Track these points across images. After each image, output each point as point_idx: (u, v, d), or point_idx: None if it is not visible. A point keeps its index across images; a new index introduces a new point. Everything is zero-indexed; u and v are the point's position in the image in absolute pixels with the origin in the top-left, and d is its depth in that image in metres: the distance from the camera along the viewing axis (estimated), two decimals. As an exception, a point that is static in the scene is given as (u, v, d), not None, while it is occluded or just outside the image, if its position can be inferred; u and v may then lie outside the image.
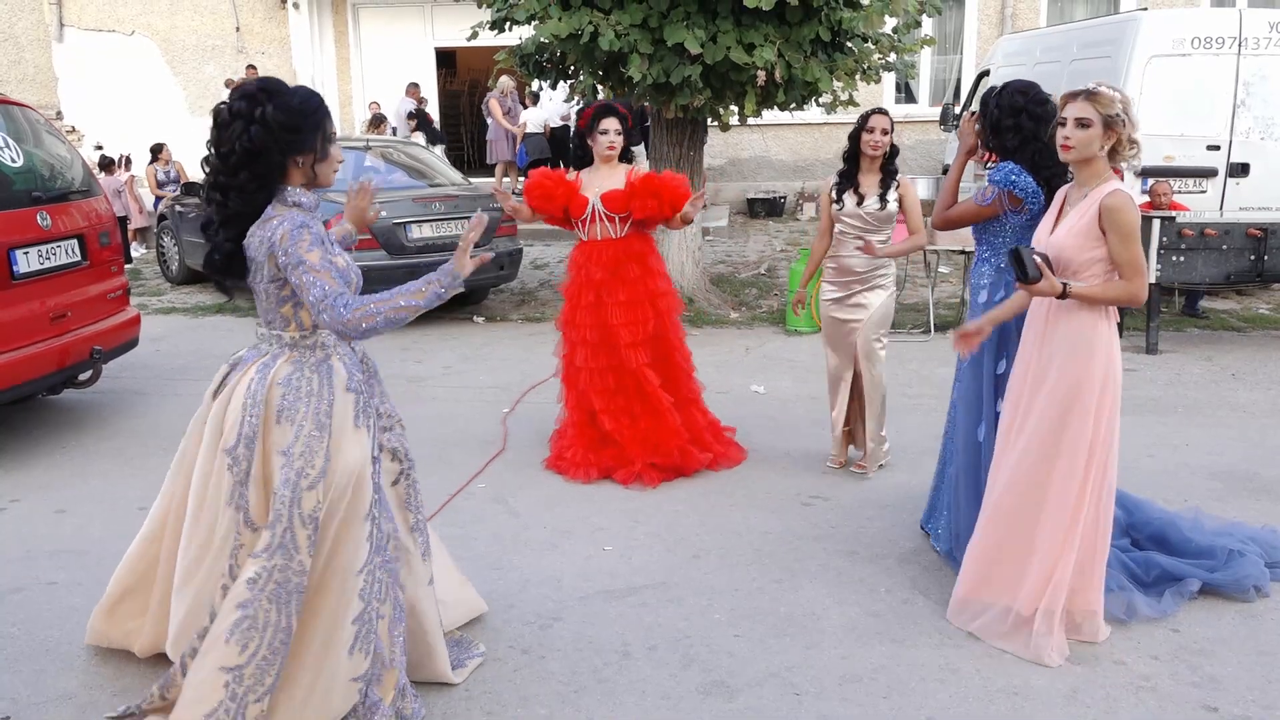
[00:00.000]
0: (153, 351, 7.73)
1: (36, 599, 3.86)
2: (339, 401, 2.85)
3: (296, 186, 2.82)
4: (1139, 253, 3.24)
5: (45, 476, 5.24)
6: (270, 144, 2.71)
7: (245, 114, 2.71)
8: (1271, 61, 8.95)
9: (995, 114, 3.85)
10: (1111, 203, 3.20)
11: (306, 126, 2.76)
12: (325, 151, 2.83)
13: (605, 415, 5.06)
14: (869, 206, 4.85)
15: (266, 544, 2.76)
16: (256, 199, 2.77)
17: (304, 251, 2.69)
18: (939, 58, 15.89)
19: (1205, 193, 9.12)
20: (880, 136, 4.80)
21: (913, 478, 4.99)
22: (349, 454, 2.82)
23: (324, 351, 2.89)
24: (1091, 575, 3.43)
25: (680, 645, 3.50)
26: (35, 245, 5.49)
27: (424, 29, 16.49)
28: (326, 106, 2.86)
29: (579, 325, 5.07)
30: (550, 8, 8.08)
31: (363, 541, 2.86)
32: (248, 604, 2.76)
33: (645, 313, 5.03)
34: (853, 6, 8.47)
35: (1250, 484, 4.95)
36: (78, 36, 16.64)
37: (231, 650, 2.75)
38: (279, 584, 2.76)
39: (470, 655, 3.36)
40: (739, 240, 13.40)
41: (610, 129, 4.95)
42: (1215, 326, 8.49)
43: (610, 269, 5.00)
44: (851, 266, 4.93)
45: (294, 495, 2.75)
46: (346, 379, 2.89)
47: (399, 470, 3.15)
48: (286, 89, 2.79)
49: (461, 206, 8.97)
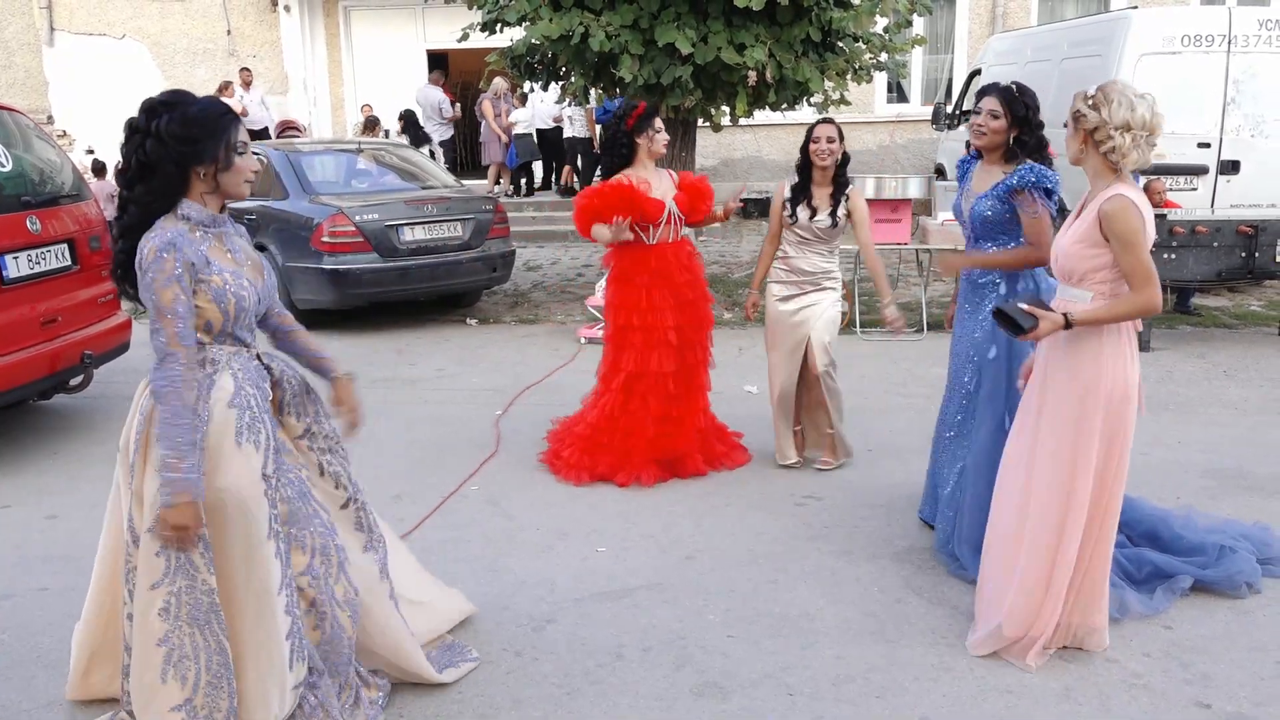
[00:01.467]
0: (144, 356, 7.64)
1: (28, 605, 3.84)
2: (216, 419, 2.72)
3: (197, 199, 2.74)
4: (1144, 259, 3.04)
5: (36, 482, 5.23)
6: (163, 156, 2.65)
7: (142, 128, 2.67)
8: (1261, 59, 8.98)
9: (1027, 113, 3.88)
10: (1108, 208, 3.06)
11: (203, 135, 2.67)
12: (229, 161, 2.73)
13: (654, 416, 4.95)
14: (820, 221, 4.91)
15: (164, 569, 2.68)
16: (152, 211, 2.70)
17: (158, 286, 2.61)
18: (930, 57, 15.91)
19: (1196, 190, 9.15)
20: (826, 145, 4.83)
21: (907, 477, 4.99)
22: (229, 472, 2.71)
23: (212, 367, 2.77)
24: (1093, 594, 3.35)
25: (674, 646, 3.49)
26: (25, 250, 5.47)
27: (415, 31, 16.48)
28: (232, 116, 2.77)
29: (658, 328, 4.89)
30: (541, 9, 8.09)
31: (272, 560, 2.77)
32: (167, 637, 2.69)
33: (706, 309, 5.13)
34: (843, 6, 8.49)
35: (1242, 481, 4.96)
36: (68, 40, 16.60)
37: (172, 689, 2.70)
38: (191, 606, 2.69)
39: (464, 659, 3.35)
40: (732, 240, 13.41)
41: (662, 128, 4.97)
42: (1207, 324, 8.51)
43: (687, 270, 5.02)
44: (801, 268, 5.02)
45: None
46: (231, 395, 2.75)
47: (345, 497, 3.07)
48: (189, 100, 2.72)
49: (454, 209, 8.97)
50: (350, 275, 8.35)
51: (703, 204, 5.02)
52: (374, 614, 3.08)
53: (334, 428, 3.12)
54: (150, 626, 2.70)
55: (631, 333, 4.95)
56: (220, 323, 2.76)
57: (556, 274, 11.33)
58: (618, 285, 5.02)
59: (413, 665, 3.17)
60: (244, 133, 2.80)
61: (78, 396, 6.35)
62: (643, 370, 4.94)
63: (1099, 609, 3.38)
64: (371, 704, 3.06)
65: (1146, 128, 3.06)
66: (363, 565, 3.06)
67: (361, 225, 8.40)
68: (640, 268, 4.95)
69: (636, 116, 4.91)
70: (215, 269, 2.73)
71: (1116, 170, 3.14)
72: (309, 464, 3.02)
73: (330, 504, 3.03)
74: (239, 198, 2.84)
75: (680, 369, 4.99)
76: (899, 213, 8.02)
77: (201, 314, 2.72)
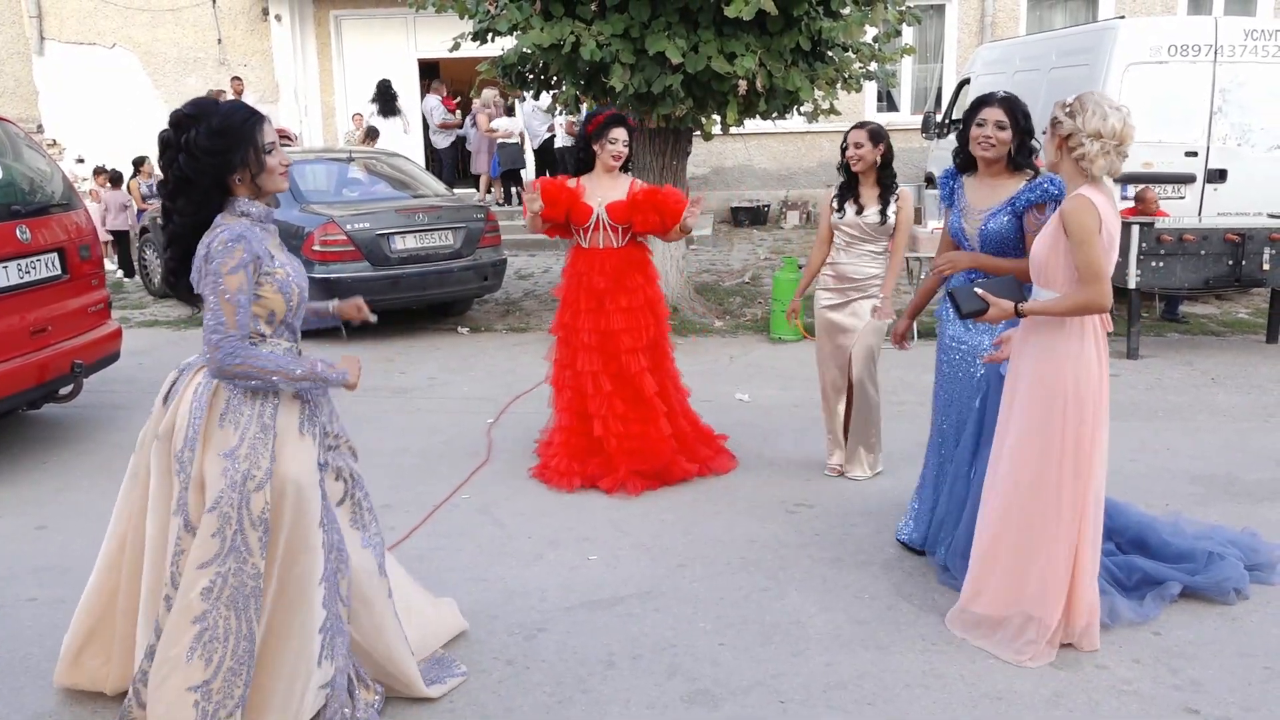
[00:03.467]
0: (134, 365, 7.68)
1: (17, 615, 3.83)
2: (285, 406, 2.86)
3: (243, 197, 2.84)
4: (1095, 257, 3.16)
5: (26, 492, 5.21)
6: (200, 170, 2.75)
7: (174, 142, 2.76)
8: (1247, 69, 9.05)
9: (1028, 122, 3.89)
10: (1066, 207, 3.21)
11: (231, 146, 2.76)
12: (261, 164, 2.82)
13: (598, 420, 5.04)
14: (869, 217, 4.91)
15: (217, 550, 2.74)
16: (196, 220, 2.81)
17: (225, 271, 2.71)
18: (920, 66, 16.00)
19: (1184, 198, 9.21)
20: (855, 150, 4.87)
21: (898, 484, 5.01)
22: (294, 459, 2.83)
23: None
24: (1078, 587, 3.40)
25: (665, 654, 3.49)
26: (15, 259, 5.46)
27: (406, 40, 16.49)
28: (257, 118, 2.83)
29: (579, 330, 5.05)
30: (532, 18, 8.10)
31: (318, 549, 2.86)
32: (204, 616, 2.73)
33: (646, 319, 5.06)
34: (833, 16, 8.53)
35: (1230, 488, 4.99)
36: (58, 50, 16.57)
37: (195, 668, 2.72)
38: (235, 589, 2.75)
39: (451, 674, 3.33)
40: (723, 249, 13.44)
41: (619, 138, 4.98)
42: (1195, 331, 8.55)
43: (613, 277, 5.02)
44: (849, 274, 5.00)
45: (241, 497, 2.74)
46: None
47: (344, 490, 3.10)
48: (212, 111, 2.79)
49: (445, 217, 8.97)
50: (341, 284, 8.34)
51: (651, 217, 4.92)
52: (372, 611, 3.09)
53: (343, 429, 3.17)
54: (189, 604, 2.74)
55: (558, 329, 5.19)
56: (283, 313, 2.88)
57: (548, 282, 11.34)
58: (563, 286, 5.22)
59: (404, 672, 3.16)
60: (272, 131, 2.87)
61: (67, 406, 6.33)
62: (567, 365, 5.10)
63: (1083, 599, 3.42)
64: (368, 706, 3.05)
65: (1117, 137, 3.17)
66: (359, 563, 3.08)
67: (353, 234, 8.40)
68: (571, 269, 5.16)
69: (596, 125, 5.02)
70: (278, 262, 2.86)
71: (1088, 176, 3.22)
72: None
73: (330, 499, 3.06)
74: (277, 191, 2.92)
75: (620, 375, 5.00)
76: (889, 221, 8.03)
77: (266, 305, 2.83)
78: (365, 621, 3.08)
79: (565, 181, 5.13)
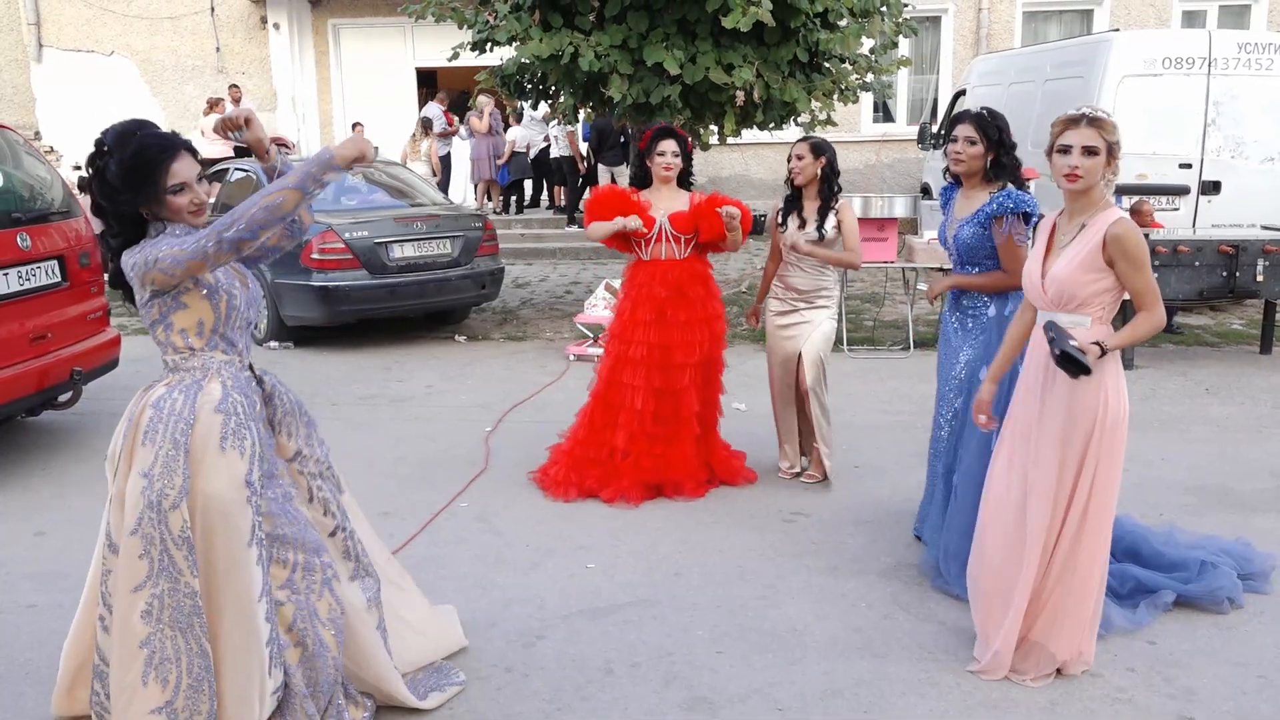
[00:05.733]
0: (133, 373, 7.67)
1: (16, 622, 3.84)
2: (202, 422, 2.76)
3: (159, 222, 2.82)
4: (1152, 279, 3.13)
5: (24, 498, 5.21)
6: (116, 197, 2.74)
7: (97, 167, 2.76)
8: (1240, 81, 9.13)
9: (1001, 136, 3.95)
10: (1118, 231, 3.08)
11: (136, 185, 2.72)
12: (163, 204, 2.76)
13: (624, 432, 4.99)
14: (809, 233, 4.98)
15: (147, 572, 2.71)
16: (126, 234, 2.81)
17: (150, 253, 2.69)
18: (916, 77, 16.09)
19: (1178, 210, 9.27)
20: (796, 163, 4.96)
21: (894, 493, 5.03)
22: (214, 476, 2.74)
23: (202, 373, 2.83)
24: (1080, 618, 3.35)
25: (663, 662, 3.51)
26: (15, 266, 5.48)
27: (405, 49, 16.55)
28: (170, 154, 2.75)
29: (631, 342, 4.99)
30: (531, 29, 8.16)
31: (253, 567, 2.79)
32: (150, 639, 2.72)
33: (702, 334, 5.03)
34: (830, 28, 8.59)
35: (1224, 498, 5.02)
36: (57, 57, 16.60)
37: (153, 691, 2.71)
38: (174, 609, 2.72)
39: (450, 682, 3.33)
40: (720, 258, 13.44)
41: (668, 150, 4.99)
42: (1190, 342, 8.60)
43: (675, 288, 4.99)
44: (796, 285, 5.11)
45: (159, 516, 2.71)
46: (218, 400, 2.80)
47: (334, 525, 3.08)
48: (129, 141, 2.74)
49: (443, 226, 9.00)
50: (339, 292, 8.37)
51: (712, 223, 4.91)
52: (359, 642, 3.07)
53: (325, 453, 3.13)
54: (132, 628, 2.72)
55: (612, 342, 5.11)
56: (212, 322, 2.81)
57: (545, 291, 11.37)
58: (621, 298, 5.18)
59: (398, 697, 3.16)
60: (190, 166, 2.78)
61: (66, 413, 6.34)
62: (614, 380, 5.03)
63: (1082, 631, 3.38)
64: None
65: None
66: (348, 595, 3.05)
67: (351, 242, 8.42)
68: (631, 282, 5.10)
69: (646, 140, 5.08)
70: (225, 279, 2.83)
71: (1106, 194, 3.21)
72: (299, 487, 3.03)
73: (321, 532, 3.04)
74: (196, 224, 2.83)
75: (665, 391, 4.97)
76: (885, 231, 8.09)
77: (193, 313, 2.78)
78: (353, 650, 3.05)
79: (616, 188, 5.15)
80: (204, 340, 2.82)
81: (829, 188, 4.99)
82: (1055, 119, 3.20)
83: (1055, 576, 3.32)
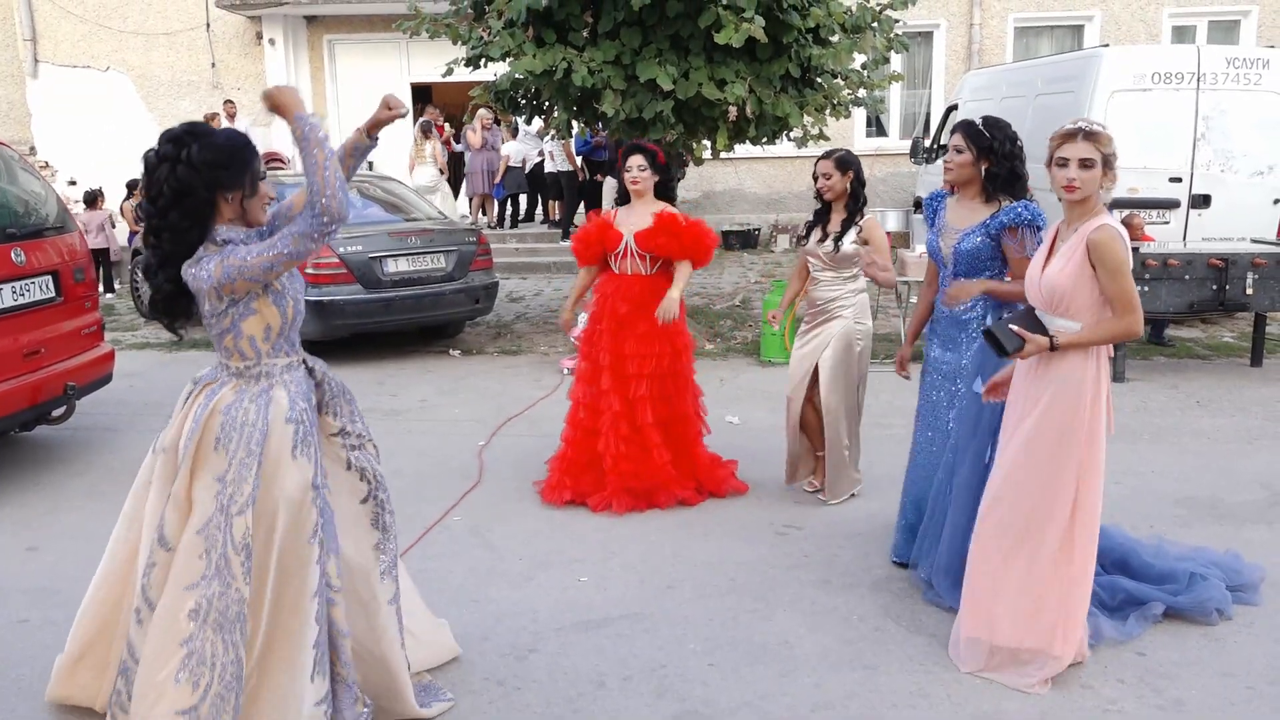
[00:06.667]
0: (126, 387, 7.70)
1: (8, 637, 3.83)
2: (275, 434, 2.87)
3: (225, 224, 2.86)
4: (1129, 287, 3.19)
5: (17, 513, 5.21)
6: (196, 182, 2.76)
7: (171, 156, 2.77)
8: (1229, 96, 9.20)
9: (993, 144, 3.95)
10: (1097, 238, 3.17)
11: (234, 163, 2.82)
12: (254, 188, 2.88)
13: (602, 436, 5.11)
14: (825, 247, 4.98)
15: (202, 572, 2.77)
16: (189, 237, 2.82)
17: (239, 258, 2.75)
18: (909, 92, 16.18)
19: (1169, 224, 9.33)
20: (825, 181, 4.94)
21: (885, 506, 5.04)
22: (284, 483, 2.85)
23: (267, 380, 2.91)
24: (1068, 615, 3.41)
25: (655, 675, 3.52)
26: (9, 281, 5.49)
27: (400, 64, 16.61)
28: (254, 147, 2.92)
29: (598, 349, 5.15)
30: (525, 45, 8.20)
31: (312, 565, 2.88)
32: (191, 638, 2.75)
33: (660, 348, 5.07)
34: (822, 44, 8.65)
35: (1214, 510, 5.04)
36: (52, 72, 16.65)
37: (183, 692, 2.73)
38: (220, 612, 2.77)
39: (437, 699, 3.33)
40: (714, 272, 13.50)
41: (633, 166, 5.08)
42: (1181, 354, 8.63)
43: (635, 303, 5.06)
44: (815, 297, 5.12)
45: (226, 521, 2.79)
46: (287, 410, 2.90)
47: (367, 490, 3.15)
48: (212, 131, 2.86)
49: (438, 241, 9.02)
50: (334, 306, 8.38)
51: (663, 240, 4.99)
52: (368, 613, 3.11)
53: (365, 428, 3.21)
54: (177, 625, 2.77)
55: (583, 346, 5.30)
56: (279, 325, 2.90)
57: (539, 305, 11.39)
58: (592, 309, 5.31)
59: (397, 682, 3.17)
60: (262, 163, 2.93)
61: (60, 428, 6.34)
62: (586, 381, 5.20)
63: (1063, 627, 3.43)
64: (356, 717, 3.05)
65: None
66: (366, 564, 3.11)
67: (345, 257, 8.45)
68: (599, 293, 5.26)
69: (620, 158, 5.20)
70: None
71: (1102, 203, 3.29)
72: (336, 459, 3.11)
73: (352, 498, 3.10)
74: (260, 223, 2.94)
75: (628, 401, 5.04)
76: (878, 245, 8.11)
77: (261, 319, 2.85)
78: (361, 624, 3.09)
79: (596, 217, 5.32)
80: (270, 344, 2.91)
81: (855, 201, 4.98)
82: (1054, 133, 3.31)
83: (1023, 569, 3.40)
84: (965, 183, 4.06)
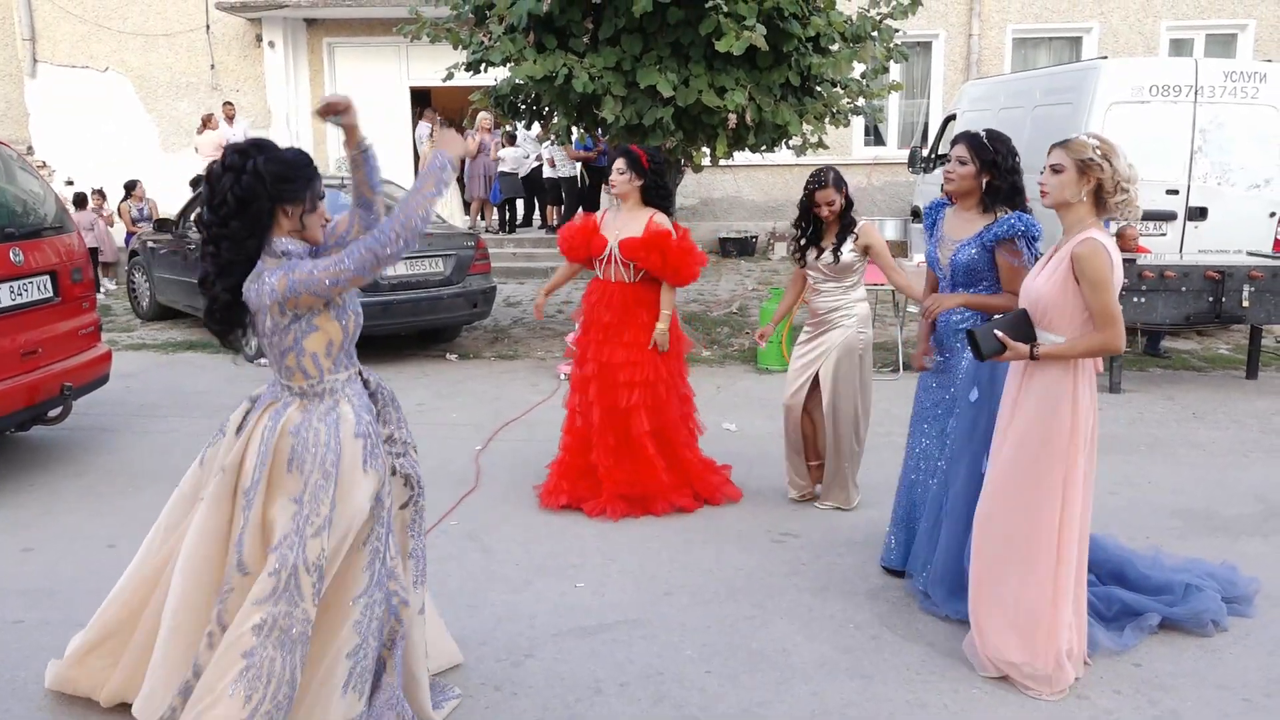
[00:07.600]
0: (123, 388, 7.69)
1: (3, 638, 3.82)
2: (347, 450, 2.89)
3: (284, 237, 2.87)
4: (1111, 301, 3.20)
5: (13, 514, 5.20)
6: (260, 191, 2.77)
7: (237, 166, 2.79)
8: (1227, 109, 9.24)
9: (995, 158, 3.96)
10: (1080, 250, 3.20)
11: (298, 178, 2.84)
12: (314, 205, 2.89)
13: (593, 449, 5.13)
14: (825, 259, 5.00)
15: (271, 589, 2.78)
16: (248, 246, 2.82)
17: (305, 271, 2.75)
18: (907, 101, 16.21)
19: (1165, 235, 9.36)
20: (829, 208, 4.92)
21: (883, 514, 5.03)
22: (354, 498, 2.88)
23: (332, 398, 2.92)
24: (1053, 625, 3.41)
25: (652, 681, 3.52)
26: (7, 281, 5.48)
27: (399, 68, 16.62)
28: (316, 166, 2.94)
29: (584, 359, 5.17)
30: (525, 50, 8.21)
31: (361, 570, 2.91)
32: (253, 651, 2.76)
33: (649, 355, 5.07)
34: (822, 53, 8.67)
35: (1209, 522, 5.05)
36: (51, 72, 16.62)
37: (235, 703, 2.74)
38: (284, 630, 2.78)
39: (446, 697, 3.35)
40: (711, 279, 13.51)
41: (614, 168, 5.09)
42: (1177, 366, 8.66)
43: (619, 312, 5.07)
44: (816, 308, 5.11)
45: (300, 541, 2.79)
46: (354, 424, 2.92)
47: (409, 495, 3.17)
48: (278, 145, 2.89)
49: (436, 245, 9.02)
50: (331, 309, 8.36)
51: (649, 255, 4.97)
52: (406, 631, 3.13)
53: (409, 434, 3.21)
54: (242, 636, 2.78)
55: (573, 354, 5.33)
56: (340, 340, 2.91)
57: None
58: (582, 316, 5.32)
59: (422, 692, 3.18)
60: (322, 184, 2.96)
61: (56, 428, 6.33)
62: (578, 389, 5.22)
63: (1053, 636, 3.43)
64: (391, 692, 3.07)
65: (1132, 181, 3.26)
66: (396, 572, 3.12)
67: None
68: (586, 300, 5.27)
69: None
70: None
71: (1095, 218, 3.29)
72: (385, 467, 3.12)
73: (395, 504, 3.11)
74: (317, 241, 2.94)
75: (613, 409, 5.04)
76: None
77: (324, 335, 2.86)
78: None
79: (590, 219, 5.29)
80: (331, 360, 2.91)
81: (847, 218, 4.99)
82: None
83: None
84: (965, 194, 4.07)
